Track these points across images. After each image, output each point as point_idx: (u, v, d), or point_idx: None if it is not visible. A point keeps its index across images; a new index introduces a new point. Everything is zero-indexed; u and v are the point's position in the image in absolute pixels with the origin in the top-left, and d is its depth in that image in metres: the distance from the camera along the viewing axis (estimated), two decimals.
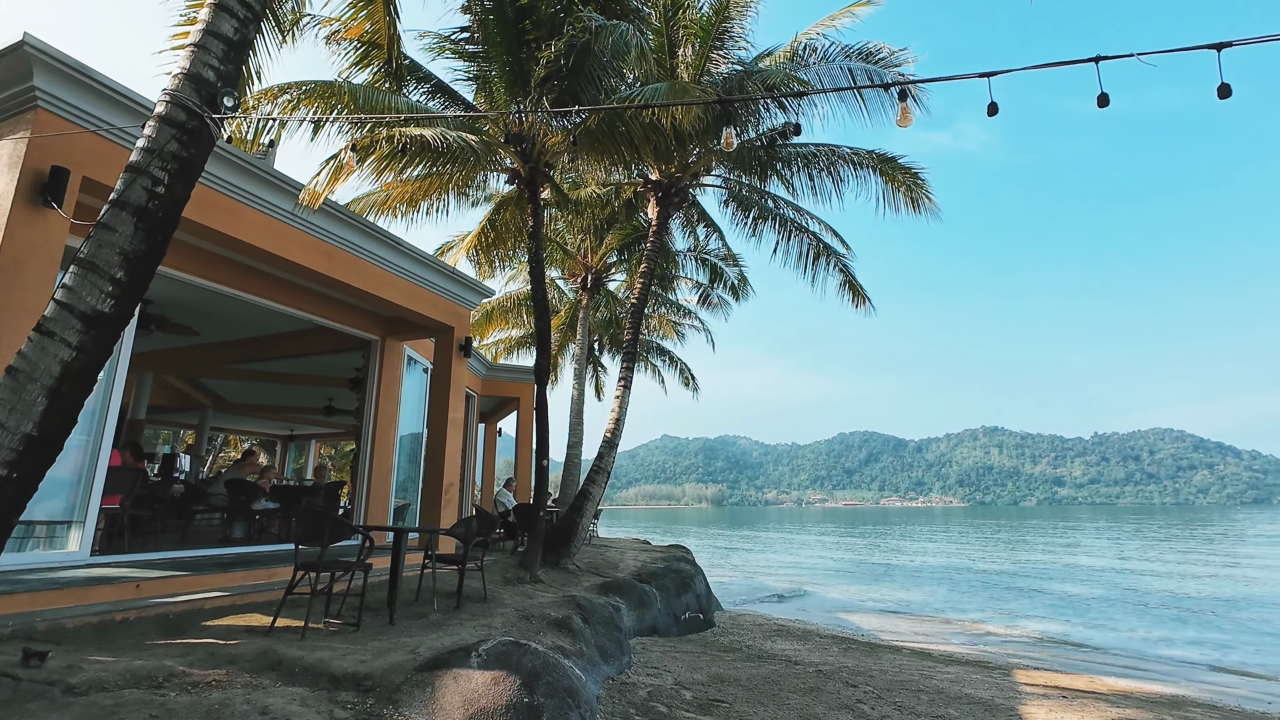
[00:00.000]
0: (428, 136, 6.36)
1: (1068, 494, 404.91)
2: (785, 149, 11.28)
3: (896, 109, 3.03)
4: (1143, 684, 7.74)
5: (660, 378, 23.49)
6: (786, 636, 9.23)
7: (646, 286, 11.11)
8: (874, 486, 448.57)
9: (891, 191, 10.77)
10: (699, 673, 6.24)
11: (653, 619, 8.62)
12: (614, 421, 10.60)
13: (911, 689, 6.18)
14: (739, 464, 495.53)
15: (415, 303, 8.28)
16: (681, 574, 9.92)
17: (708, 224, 14.78)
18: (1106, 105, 2.50)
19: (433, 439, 8.96)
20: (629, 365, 10.91)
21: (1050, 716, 5.58)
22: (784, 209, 12.63)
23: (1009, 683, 7.01)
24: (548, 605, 6.60)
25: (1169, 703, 6.59)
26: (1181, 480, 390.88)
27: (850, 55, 9.72)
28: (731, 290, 16.77)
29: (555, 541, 9.73)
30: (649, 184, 11.48)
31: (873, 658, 7.89)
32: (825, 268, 12.46)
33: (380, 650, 4.31)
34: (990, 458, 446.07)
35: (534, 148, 8.71)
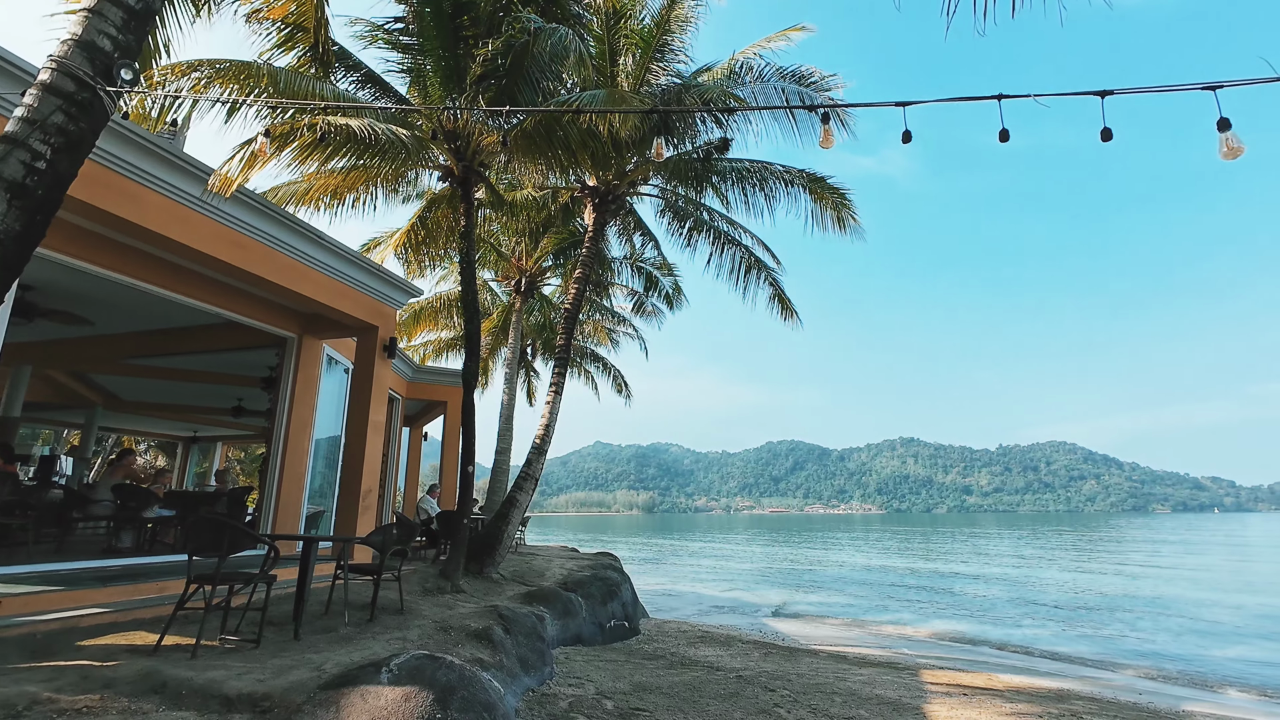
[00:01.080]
0: (354, 127, 6.09)
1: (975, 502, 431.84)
2: (721, 163, 11.54)
3: (818, 130, 3.15)
4: (1035, 680, 8.30)
5: (594, 384, 23.43)
6: (710, 643, 9.34)
7: (581, 292, 11.05)
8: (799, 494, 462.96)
9: (820, 210, 11.20)
10: (621, 681, 6.21)
11: (578, 628, 8.53)
12: (544, 427, 10.46)
13: (826, 691, 6.37)
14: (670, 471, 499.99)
15: (336, 300, 7.90)
16: (608, 582, 9.87)
17: (644, 233, 14.90)
18: (1007, 140, 2.70)
19: (351, 443, 8.56)
20: (561, 371, 10.81)
21: (951, 714, 5.89)
22: (718, 221, 12.90)
23: (916, 682, 7.35)
24: (468, 616, 6.41)
25: (1055, 696, 7.09)
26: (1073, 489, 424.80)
27: (784, 76, 10.06)
28: (666, 299, 16.95)
29: (479, 550, 9.48)
30: (586, 190, 11.46)
31: (791, 662, 8.10)
32: (756, 281, 12.80)
33: (281, 668, 4.05)
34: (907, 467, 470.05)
35: (469, 146, 8.52)
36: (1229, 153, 2.40)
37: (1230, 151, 2.40)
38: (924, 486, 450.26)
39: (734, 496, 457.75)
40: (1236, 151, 2.39)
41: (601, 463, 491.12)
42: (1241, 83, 2.30)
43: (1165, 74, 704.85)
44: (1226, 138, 2.41)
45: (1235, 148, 2.39)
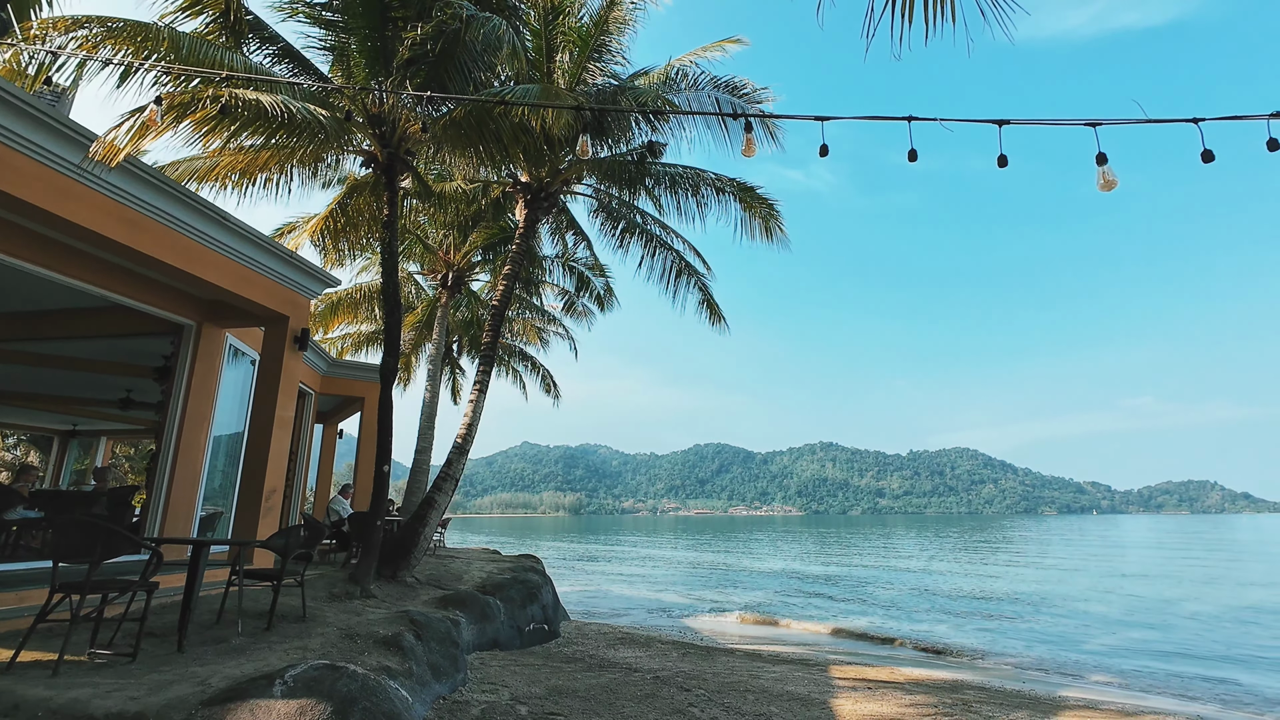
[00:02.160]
0: (265, 103, 5.71)
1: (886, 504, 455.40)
2: (654, 167, 11.62)
3: (742, 139, 3.22)
4: (933, 672, 8.81)
5: (521, 383, 23.05)
6: (629, 644, 9.35)
7: (510, 289, 10.84)
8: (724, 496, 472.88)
9: (749, 219, 11.48)
10: (537, 686, 6.11)
11: (495, 632, 8.34)
12: (466, 427, 10.18)
13: (740, 689, 6.51)
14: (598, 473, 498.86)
15: (242, 286, 7.38)
16: (528, 584, 9.72)
17: (577, 232, 14.80)
18: (915, 160, 2.86)
19: (255, 440, 8.01)
20: (486, 369, 10.56)
21: (856, 707, 6.15)
22: (651, 225, 12.99)
23: (825, 678, 7.64)
24: (377, 622, 6.13)
25: (950, 687, 7.55)
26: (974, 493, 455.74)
27: (718, 86, 10.26)
28: (597, 300, 16.90)
29: (394, 553, 9.10)
30: (518, 185, 11.26)
31: (708, 661, 8.23)
32: (687, 285, 12.97)
33: (160, 684, 3.72)
34: (826, 471, 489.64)
35: (394, 132, 8.18)
36: (1105, 185, 2.64)
37: (1106, 184, 2.63)
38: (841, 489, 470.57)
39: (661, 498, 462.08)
40: (1111, 184, 2.63)
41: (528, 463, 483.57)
42: (1117, 121, 2.54)
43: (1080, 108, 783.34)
44: (1104, 170, 2.64)
45: (1110, 180, 2.63)
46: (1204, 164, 2.49)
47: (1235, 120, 2.47)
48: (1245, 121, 2.45)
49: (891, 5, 3.03)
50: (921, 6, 3.03)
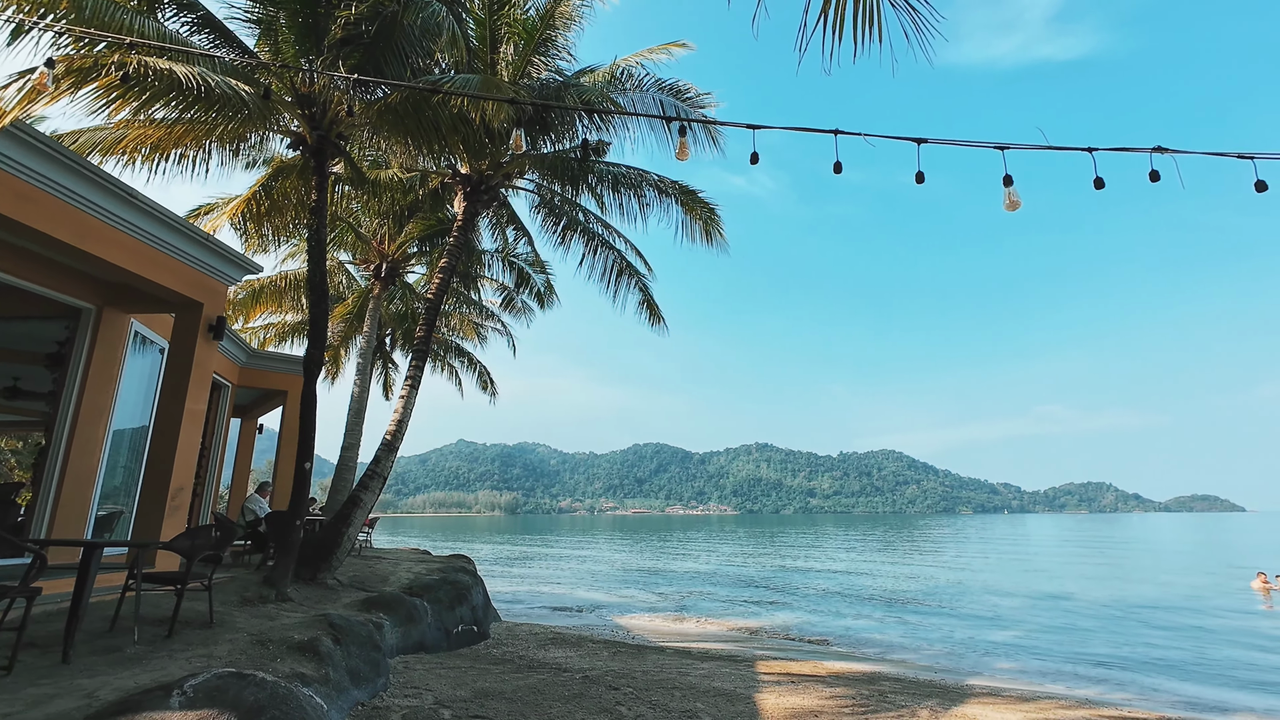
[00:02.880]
0: (180, 74, 5.33)
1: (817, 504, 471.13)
2: (598, 165, 11.60)
3: (676, 142, 3.26)
4: (853, 665, 9.18)
5: (458, 380, 22.52)
6: (561, 644, 9.29)
7: (446, 282, 10.56)
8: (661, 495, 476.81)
9: (691, 221, 11.62)
10: (463, 689, 5.98)
11: (421, 635, 8.11)
12: (396, 423, 9.85)
13: (668, 686, 6.58)
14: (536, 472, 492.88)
15: (149, 269, 6.88)
16: (458, 585, 9.49)
17: (518, 227, 14.58)
18: (839, 172, 2.98)
19: (161, 434, 7.48)
20: (419, 364, 10.25)
21: (779, 701, 6.33)
22: (593, 223, 12.95)
23: (752, 673, 7.82)
24: (293, 627, 5.85)
25: (868, 679, 7.88)
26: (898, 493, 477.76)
27: (663, 89, 10.34)
28: (537, 297, 16.70)
29: (314, 554, 8.71)
30: (458, 177, 10.99)
31: (638, 659, 8.28)
32: (627, 285, 13.00)
33: (39, 698, 3.42)
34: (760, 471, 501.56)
35: (325, 114, 7.82)
36: (1010, 205, 2.83)
37: (1011, 204, 2.82)
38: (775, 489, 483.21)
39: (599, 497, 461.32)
40: (1015, 204, 2.82)
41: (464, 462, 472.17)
42: (1023, 146, 2.73)
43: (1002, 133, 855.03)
44: (1009, 192, 2.83)
45: (1015, 201, 2.82)
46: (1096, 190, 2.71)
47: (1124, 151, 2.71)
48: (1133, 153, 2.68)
49: (823, 21, 3.13)
50: (851, 25, 3.14)
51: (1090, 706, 7.02)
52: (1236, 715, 7.40)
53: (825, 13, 3.15)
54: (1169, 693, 8.44)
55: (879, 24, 3.14)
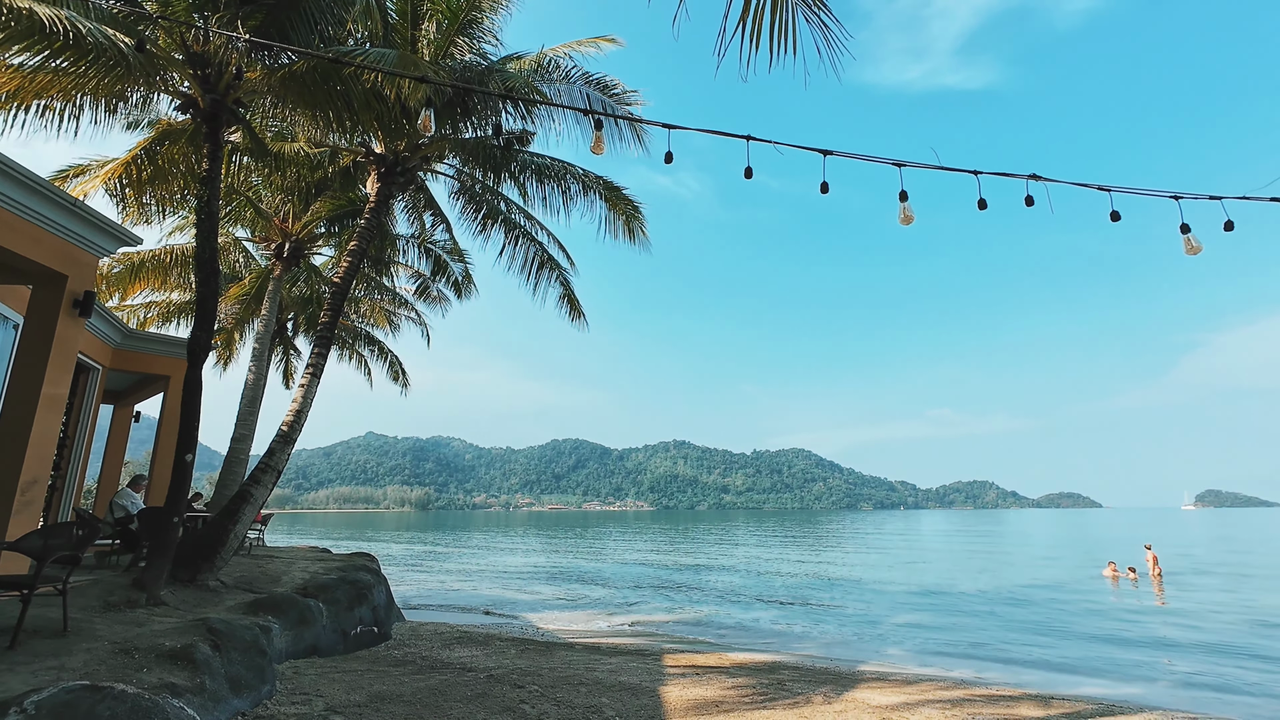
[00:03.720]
0: (43, 16, 4.73)
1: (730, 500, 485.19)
2: (522, 154, 11.37)
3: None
4: (756, 655, 9.51)
5: (367, 369, 21.48)
6: (467, 643, 9.07)
7: (355, 266, 10.02)
8: (579, 491, 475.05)
9: (614, 218, 11.62)
10: (358, 693, 5.71)
11: (314, 637, 7.68)
12: (295, 413, 9.25)
13: (574, 683, 6.56)
14: (450, 466, 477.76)
15: (2, 235, 6.09)
16: (358, 585, 9.05)
17: (436, 213, 14.06)
18: (750, 177, 3.07)
19: (11, 420, 6.65)
20: (323, 351, 9.67)
21: (682, 693, 6.46)
22: (515, 214, 12.69)
23: (658, 667, 7.94)
24: (165, 633, 5.38)
25: (769, 668, 8.19)
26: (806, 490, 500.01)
27: (590, 83, 10.26)
28: (455, 286, 16.18)
29: (195, 553, 8.04)
30: (371, 156, 10.45)
31: (546, 657, 8.21)
32: (548, 278, 12.83)
33: None
34: (677, 468, 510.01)
35: (221, 78, 7.20)
36: (904, 219, 3.02)
37: (905, 218, 3.02)
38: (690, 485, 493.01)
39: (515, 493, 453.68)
40: (909, 219, 3.02)
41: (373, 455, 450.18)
42: (918, 165, 2.92)
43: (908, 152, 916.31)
44: (904, 206, 3.03)
45: (909, 215, 3.02)
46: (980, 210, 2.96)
47: (1004, 176, 2.98)
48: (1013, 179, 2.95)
49: (741, 28, 3.20)
50: (768, 35, 3.23)
51: (964, 687, 7.62)
52: (1088, 689, 8.26)
53: (744, 20, 3.23)
54: (1031, 671, 9.30)
55: (794, 37, 3.24)
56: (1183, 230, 3.40)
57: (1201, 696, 8.15)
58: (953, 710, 6.29)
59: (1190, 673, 9.31)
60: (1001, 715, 6.19)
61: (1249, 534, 55.85)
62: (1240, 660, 10.07)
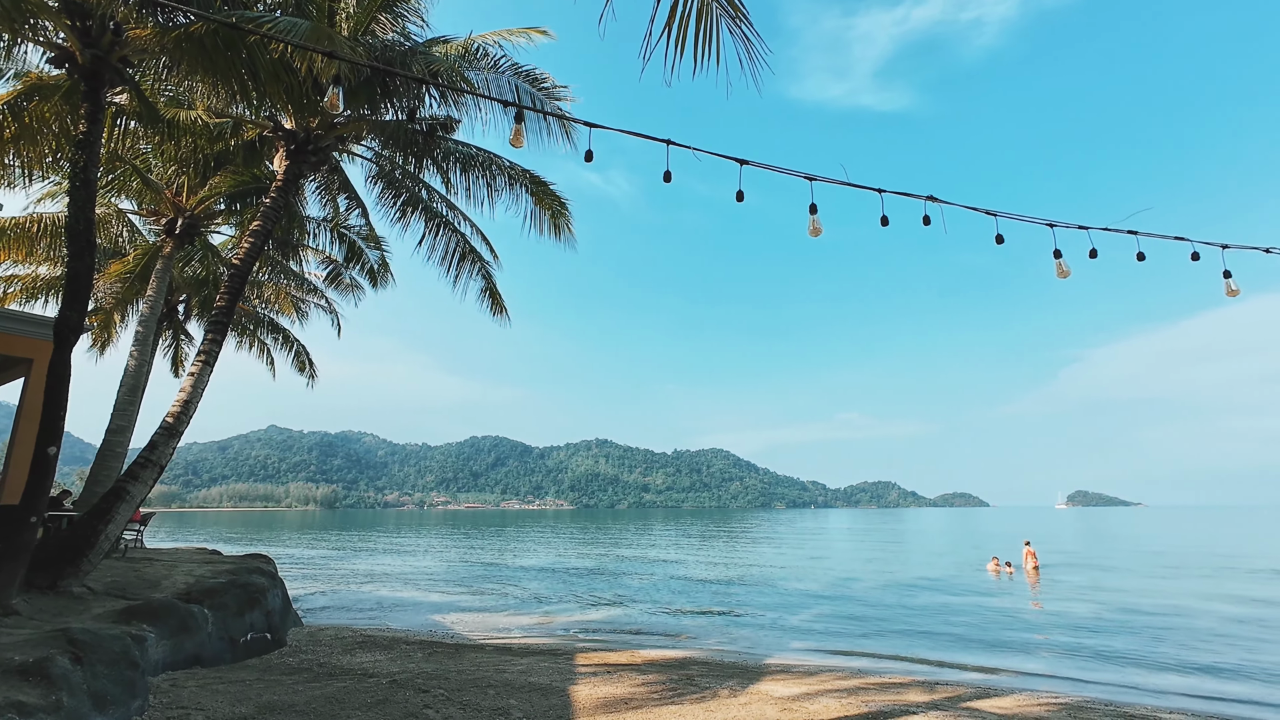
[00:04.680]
0: None
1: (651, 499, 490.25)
2: (446, 142, 11.01)
3: (511, 129, 3.19)
4: (668, 652, 9.66)
5: (270, 359, 20.13)
6: (370, 647, 8.68)
7: (258, 248, 9.36)
8: (498, 490, 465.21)
9: (540, 213, 11.46)
10: (244, 705, 5.34)
11: (198, 646, 7.13)
12: (182, 404, 8.53)
13: (483, 685, 6.42)
14: (361, 463, 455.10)
15: None
16: (250, 589, 8.47)
17: (351, 197, 13.36)
18: (669, 181, 3.12)
19: None
20: (217, 337, 8.98)
21: (592, 691, 6.46)
22: (437, 203, 12.28)
23: (570, 666, 7.91)
24: (15, 646, 4.83)
25: (679, 664, 8.34)
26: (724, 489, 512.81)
27: (519, 74, 10.07)
28: (370, 274, 15.44)
29: (58, 557, 7.26)
30: (280, 132, 9.80)
31: (455, 659, 7.99)
32: (470, 271, 12.50)
33: None
34: (599, 466, 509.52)
35: (104, 32, 6.53)
36: (813, 231, 3.17)
37: (814, 230, 3.17)
38: (611, 484, 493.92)
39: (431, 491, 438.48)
40: (817, 231, 3.17)
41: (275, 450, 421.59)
42: (827, 180, 3.08)
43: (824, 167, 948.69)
44: (814, 219, 3.18)
45: (817, 228, 3.17)
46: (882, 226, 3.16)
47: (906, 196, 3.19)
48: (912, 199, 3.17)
49: (667, 34, 3.24)
50: (693, 43, 3.29)
51: (861, 676, 8.06)
52: (969, 675, 8.94)
53: (670, 26, 3.26)
54: (921, 660, 9.96)
55: (718, 47, 3.31)
56: (1055, 255, 3.77)
57: (1067, 677, 9.01)
58: (849, 699, 6.63)
59: (1056, 656, 10.26)
60: (892, 701, 6.59)
61: (1109, 531, 62.38)
62: (1102, 641, 11.20)
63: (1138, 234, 3.77)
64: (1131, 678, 8.99)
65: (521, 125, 3.16)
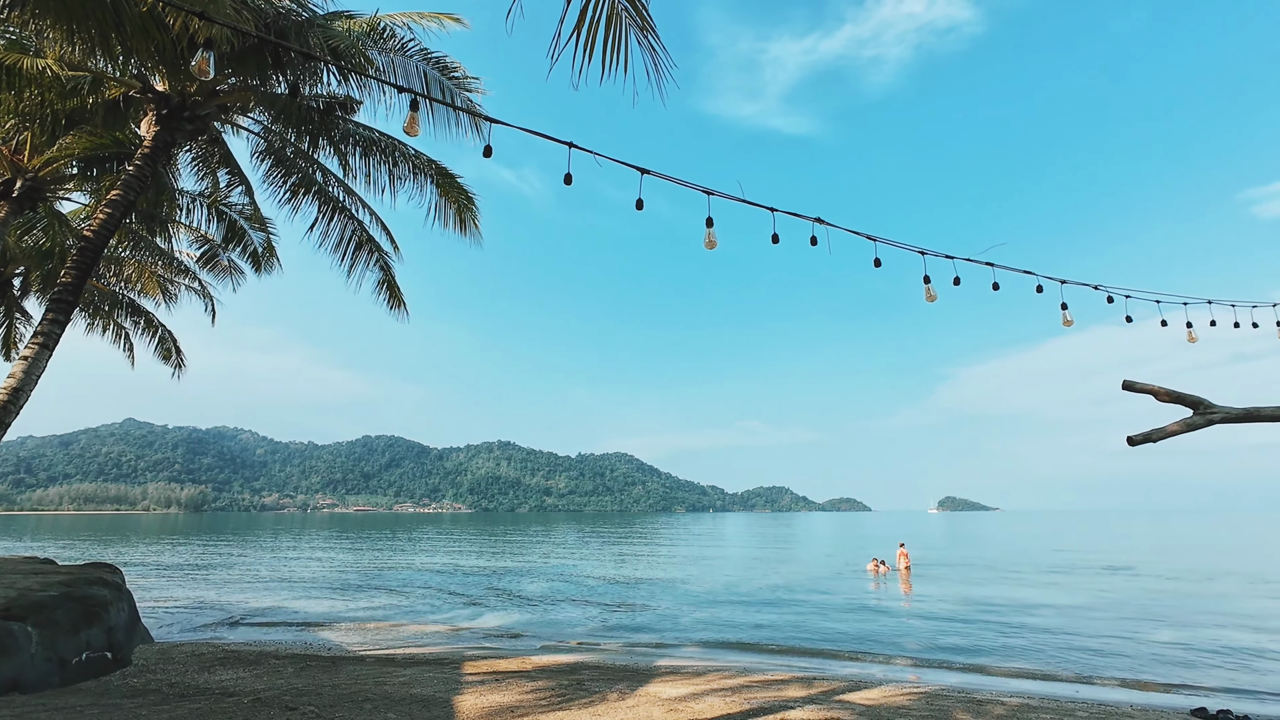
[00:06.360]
0: None
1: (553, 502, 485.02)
2: (346, 123, 10.38)
3: (406, 117, 3.06)
4: (559, 657, 9.56)
5: (129, 344, 18.06)
6: (233, 664, 7.98)
7: (116, 219, 8.37)
8: (391, 492, 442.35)
9: (445, 206, 11.05)
10: None
11: (16, 669, 6.27)
12: (10, 392, 7.45)
13: (359, 699, 6.07)
14: (236, 462, 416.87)
15: None
16: (88, 602, 7.56)
17: (234, 172, 12.27)
18: (570, 184, 3.12)
19: None
20: (60, 317, 7.93)
21: (478, 700, 6.28)
22: (333, 186, 11.54)
23: (456, 675, 7.64)
24: None
25: (570, 669, 8.29)
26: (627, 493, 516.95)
27: (429, 60, 9.68)
28: (253, 258, 14.22)
29: None
30: (150, 93, 8.84)
31: (331, 673, 7.50)
32: (367, 261, 11.84)
33: None
34: (500, 469, 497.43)
35: None
36: (708, 243, 3.29)
37: (709, 243, 3.29)
38: (512, 487, 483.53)
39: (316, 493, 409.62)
40: (712, 244, 3.29)
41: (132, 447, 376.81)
42: (725, 195, 3.20)
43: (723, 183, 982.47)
44: (710, 233, 3.29)
45: (712, 241, 3.29)
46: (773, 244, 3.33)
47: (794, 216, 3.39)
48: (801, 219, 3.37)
49: (576, 37, 3.23)
50: (601, 49, 3.30)
51: (745, 674, 8.36)
52: (845, 668, 9.52)
53: (579, 30, 3.26)
54: (803, 656, 10.49)
55: (626, 56, 3.35)
56: (925, 281, 4.14)
57: (930, 667, 9.81)
58: (733, 696, 6.86)
59: (922, 649, 11.15)
60: (773, 698, 6.89)
61: (972, 532, 68.80)
62: (960, 634, 12.29)
63: (994, 265, 4.23)
64: (983, 663, 9.94)
65: (416, 114, 3.03)
